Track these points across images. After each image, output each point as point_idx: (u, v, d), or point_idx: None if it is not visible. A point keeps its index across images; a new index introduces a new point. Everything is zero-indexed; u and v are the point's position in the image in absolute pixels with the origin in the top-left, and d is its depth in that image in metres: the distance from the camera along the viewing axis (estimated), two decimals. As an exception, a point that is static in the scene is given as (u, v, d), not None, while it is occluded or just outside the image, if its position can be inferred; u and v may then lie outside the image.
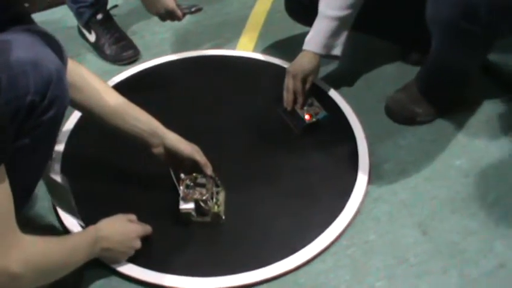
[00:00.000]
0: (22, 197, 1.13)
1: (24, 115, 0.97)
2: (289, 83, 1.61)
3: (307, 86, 1.62)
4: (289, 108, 1.62)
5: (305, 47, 1.60)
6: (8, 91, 0.92)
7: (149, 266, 1.28)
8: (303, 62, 1.60)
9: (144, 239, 1.28)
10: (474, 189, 1.49)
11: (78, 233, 1.29)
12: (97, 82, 1.28)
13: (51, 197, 1.36)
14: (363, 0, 1.55)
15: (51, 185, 1.30)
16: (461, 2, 1.34)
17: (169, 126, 1.35)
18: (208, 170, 1.36)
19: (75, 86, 1.20)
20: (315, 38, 1.58)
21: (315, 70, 1.62)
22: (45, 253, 0.98)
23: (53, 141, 1.15)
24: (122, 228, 1.25)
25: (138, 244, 1.26)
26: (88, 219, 1.28)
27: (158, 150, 1.33)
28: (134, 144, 1.32)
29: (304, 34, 1.62)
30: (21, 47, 0.97)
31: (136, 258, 1.27)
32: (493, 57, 1.75)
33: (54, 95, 1.00)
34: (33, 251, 0.95)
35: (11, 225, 0.90)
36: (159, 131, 1.32)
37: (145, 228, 1.30)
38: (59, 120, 1.07)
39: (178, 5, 1.66)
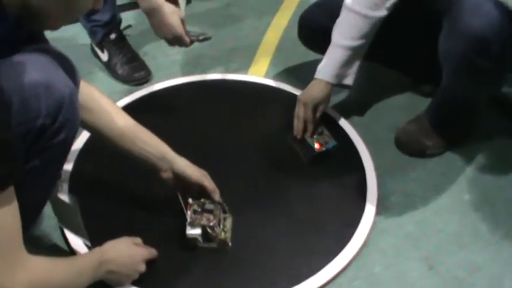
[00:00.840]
0: (30, 218, 1.13)
1: (34, 138, 0.97)
2: (299, 111, 1.61)
3: (318, 114, 1.62)
4: (299, 137, 1.62)
5: (317, 75, 1.60)
6: (19, 114, 0.92)
7: (153, 290, 1.27)
8: (315, 90, 1.60)
9: (149, 263, 1.27)
10: (483, 224, 1.48)
11: (84, 255, 1.28)
12: (108, 104, 1.28)
13: (57, 217, 1.35)
14: (376, 30, 1.55)
15: (59, 204, 1.30)
16: (474, 38, 1.35)
17: (178, 150, 1.35)
18: (216, 196, 1.36)
19: (85, 107, 1.20)
20: (327, 67, 1.59)
21: (326, 99, 1.62)
22: (50, 275, 0.98)
23: (62, 163, 1.15)
24: (127, 251, 1.24)
25: (142, 267, 1.25)
26: (93, 240, 1.28)
27: (167, 174, 1.33)
28: (143, 167, 1.32)
29: (317, 62, 1.63)
30: (34, 68, 0.97)
31: (141, 282, 1.26)
32: (503, 89, 1.75)
33: (65, 118, 1.00)
34: (38, 273, 0.94)
35: (18, 247, 0.90)
36: (168, 155, 1.32)
37: (151, 252, 1.29)
38: (69, 143, 1.07)
39: (187, 32, 1.67)
